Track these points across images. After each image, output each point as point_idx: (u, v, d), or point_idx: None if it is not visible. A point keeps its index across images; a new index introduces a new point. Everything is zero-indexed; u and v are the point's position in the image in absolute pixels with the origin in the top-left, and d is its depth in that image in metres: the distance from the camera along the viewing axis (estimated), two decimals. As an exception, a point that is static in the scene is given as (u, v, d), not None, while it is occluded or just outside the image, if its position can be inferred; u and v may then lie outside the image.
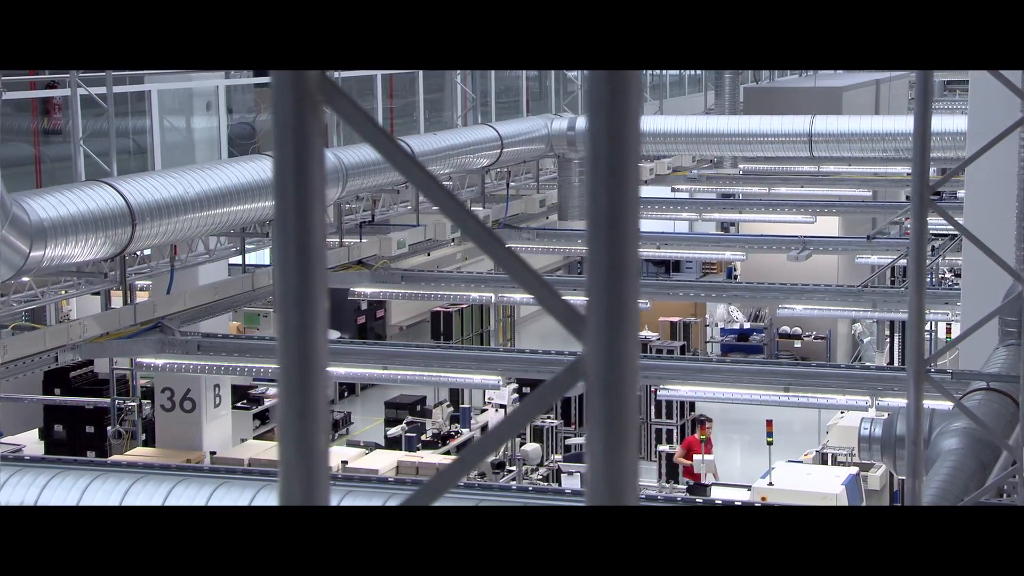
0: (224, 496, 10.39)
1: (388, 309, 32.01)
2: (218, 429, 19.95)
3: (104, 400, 21.36)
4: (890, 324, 23.21)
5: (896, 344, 23.15)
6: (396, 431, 22.48)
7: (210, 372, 16.76)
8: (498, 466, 22.15)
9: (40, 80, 16.79)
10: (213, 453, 19.53)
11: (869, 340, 29.13)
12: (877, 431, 9.24)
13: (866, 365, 18.93)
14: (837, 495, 18.86)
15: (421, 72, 22.46)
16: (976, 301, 13.87)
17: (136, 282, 16.84)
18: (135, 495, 10.47)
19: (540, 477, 21.09)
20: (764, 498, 18.19)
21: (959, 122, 21.72)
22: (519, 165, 25.07)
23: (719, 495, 18.73)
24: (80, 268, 14.56)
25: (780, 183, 29.28)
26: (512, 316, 31.64)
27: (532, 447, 21.62)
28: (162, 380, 19.46)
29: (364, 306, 30.18)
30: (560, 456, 21.92)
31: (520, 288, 1.95)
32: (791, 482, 19.06)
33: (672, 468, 22.45)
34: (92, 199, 13.42)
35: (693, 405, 25.28)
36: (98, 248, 13.46)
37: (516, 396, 22.86)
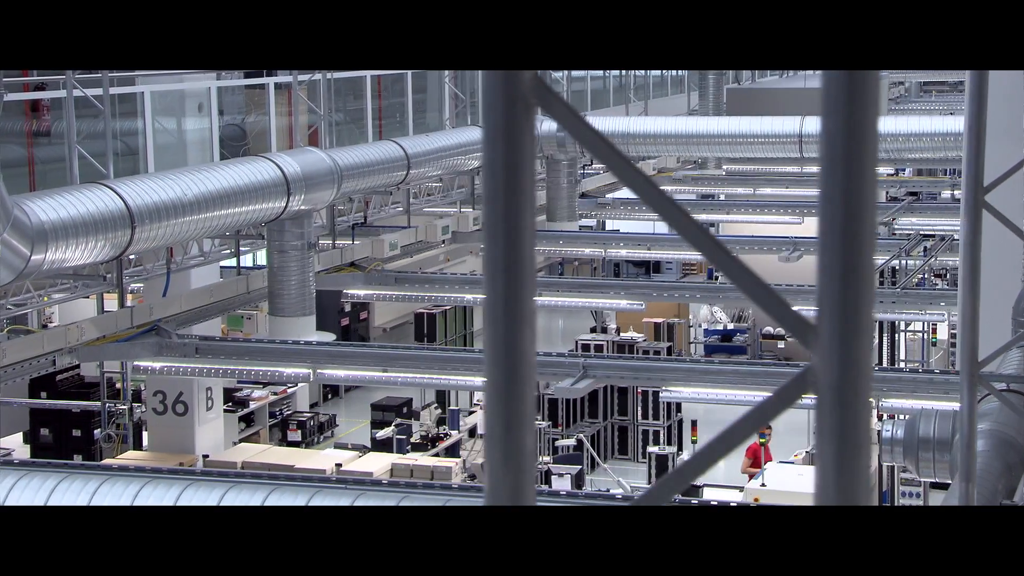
0: (236, 499, 10.32)
1: (371, 311, 31.91)
2: (210, 432, 19.83)
3: (91, 404, 21.20)
4: (879, 324, 23.22)
5: (885, 345, 23.17)
6: (385, 433, 22.38)
7: (210, 376, 16.63)
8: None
9: (31, 81, 16.64)
10: (206, 456, 19.41)
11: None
12: (899, 433, 9.21)
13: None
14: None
15: (409, 73, 22.37)
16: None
17: (130, 285, 16.71)
18: (145, 496, 10.38)
19: (530, 479, 21.02)
20: (757, 499, 18.17)
21: (947, 123, 21.83)
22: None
23: (711, 496, 18.69)
24: (76, 271, 14.44)
25: (765, 184, 29.32)
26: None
27: (522, 449, 21.56)
28: (154, 383, 19.33)
29: (348, 308, 30.08)
30: (550, 458, 21.86)
31: (747, 299, 1.89)
32: (783, 483, 19.06)
33: (663, 470, 22.45)
34: (92, 201, 13.30)
35: (679, 406, 25.27)
36: (98, 251, 13.35)
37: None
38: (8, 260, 12.23)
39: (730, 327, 31.90)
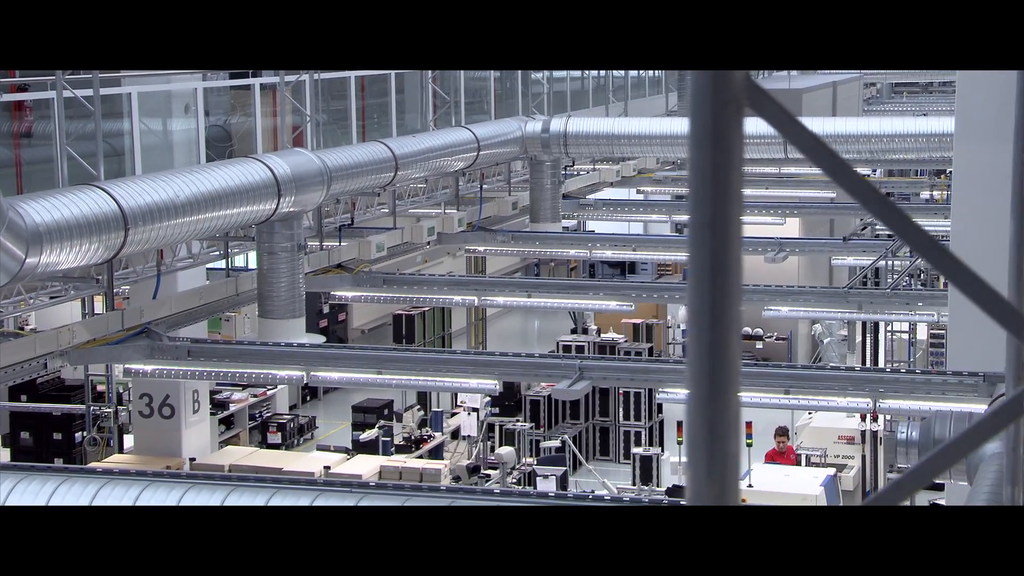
0: (239, 502, 10.23)
1: (349, 312, 31.82)
2: (197, 435, 19.72)
3: (74, 407, 21.05)
4: (862, 325, 23.31)
5: (868, 346, 23.26)
6: (369, 436, 22.29)
7: (202, 379, 16.51)
8: (473, 470, 22.06)
9: (14, 82, 16.47)
10: (192, 459, 19.30)
11: (829, 341, 29.31)
12: (914, 435, 9.21)
13: (866, 367, 19.02)
14: (817, 496, 18.93)
15: (392, 73, 22.28)
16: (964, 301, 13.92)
17: (119, 288, 16.56)
18: (147, 500, 10.28)
19: (514, 480, 21.01)
20: (744, 500, 18.18)
21: (933, 123, 21.91)
22: (490, 167, 24.98)
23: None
24: (67, 274, 14.30)
25: (747, 184, 29.30)
26: (484, 319, 31.59)
27: (507, 450, 21.54)
28: (140, 386, 19.20)
29: (326, 310, 29.99)
30: (534, 459, 21.83)
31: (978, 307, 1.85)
32: (770, 484, 19.10)
33: (647, 471, 22.45)
34: (85, 203, 13.16)
35: (661, 407, 25.30)
36: (92, 253, 13.21)
37: (489, 400, 22.78)
38: (3, 263, 12.08)
39: (708, 328, 31.90)
